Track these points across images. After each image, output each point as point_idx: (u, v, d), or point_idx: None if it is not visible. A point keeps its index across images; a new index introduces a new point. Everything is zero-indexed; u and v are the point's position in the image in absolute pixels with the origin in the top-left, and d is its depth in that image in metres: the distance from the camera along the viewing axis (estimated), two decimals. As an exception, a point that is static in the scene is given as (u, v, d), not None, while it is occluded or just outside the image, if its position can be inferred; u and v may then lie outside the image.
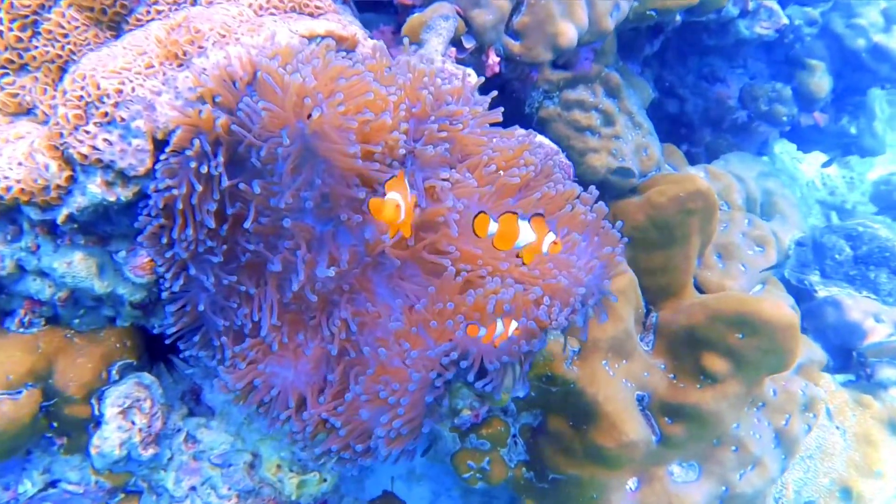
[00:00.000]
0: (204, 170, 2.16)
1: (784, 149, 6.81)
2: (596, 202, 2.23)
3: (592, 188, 2.28)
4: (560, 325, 2.04)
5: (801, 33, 5.42)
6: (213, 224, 2.23)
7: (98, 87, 2.11)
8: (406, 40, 2.41)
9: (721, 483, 3.75)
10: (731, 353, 3.49)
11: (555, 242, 1.90)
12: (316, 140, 2.11)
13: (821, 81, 5.17)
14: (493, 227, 1.92)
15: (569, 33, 2.93)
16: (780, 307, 3.40)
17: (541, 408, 3.55)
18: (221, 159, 2.15)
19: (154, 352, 2.84)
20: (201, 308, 2.35)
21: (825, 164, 5.68)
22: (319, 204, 2.29)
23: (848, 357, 4.61)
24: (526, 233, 1.90)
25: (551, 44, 2.97)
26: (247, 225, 2.24)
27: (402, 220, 1.82)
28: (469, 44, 2.74)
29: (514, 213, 1.92)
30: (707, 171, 4.63)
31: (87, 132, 2.12)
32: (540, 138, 2.49)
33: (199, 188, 2.21)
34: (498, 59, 2.85)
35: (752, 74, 5.70)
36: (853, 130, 5.45)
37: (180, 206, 2.21)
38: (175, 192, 2.20)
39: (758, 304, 3.43)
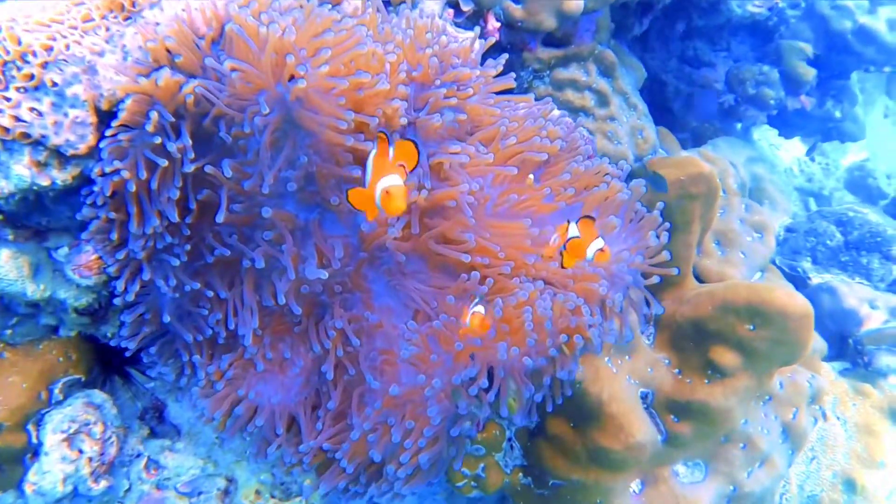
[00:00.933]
0: (162, 148, 1.72)
1: (762, 135, 6.62)
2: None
3: (623, 163, 1.92)
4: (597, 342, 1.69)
5: (786, 15, 5.20)
6: (175, 216, 1.79)
7: (19, 43, 1.64)
8: (401, -2, 2.01)
9: (729, 482, 3.49)
10: (741, 345, 3.21)
11: (602, 251, 1.54)
12: (299, 108, 1.70)
13: (808, 64, 4.94)
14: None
15: (576, -3, 2.57)
16: (793, 296, 3.13)
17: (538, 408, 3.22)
18: (187, 135, 1.72)
19: (107, 364, 2.38)
20: (165, 318, 1.91)
21: (810, 151, 5.48)
22: (303, 187, 1.87)
23: (843, 344, 4.40)
24: (572, 234, 1.55)
25: (556, 9, 2.60)
26: (219, 217, 1.81)
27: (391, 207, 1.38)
28: (467, 7, 2.36)
29: (591, 217, 1.57)
30: (701, 156, 4.35)
31: (7, 99, 1.65)
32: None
33: (158, 171, 1.77)
34: (498, 25, 2.47)
35: (737, 58, 5.45)
36: (838, 114, 5.25)
37: (133, 193, 1.76)
38: (126, 175, 1.76)
39: (770, 292, 3.14)
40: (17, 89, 1.63)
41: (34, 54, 1.64)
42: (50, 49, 1.65)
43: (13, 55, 1.62)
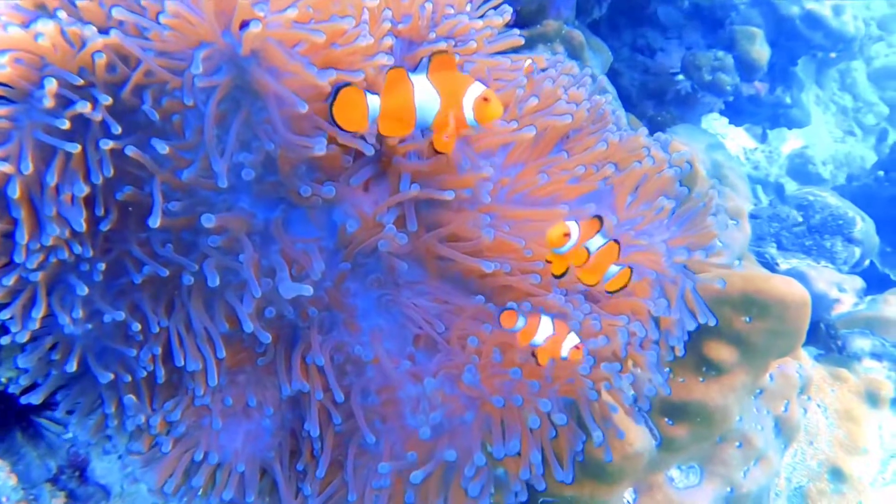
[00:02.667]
0: (59, 128, 1.20)
1: (707, 125, 6.51)
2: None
3: (660, 134, 1.54)
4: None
5: (735, 1, 5.05)
6: (82, 224, 1.26)
7: None
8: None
9: (726, 484, 3.22)
10: (737, 339, 2.92)
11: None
12: (254, 67, 1.22)
13: (762, 49, 4.79)
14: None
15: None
16: (791, 283, 2.88)
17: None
18: (102, 106, 1.21)
19: (4, 415, 1.80)
20: (71, 363, 1.37)
21: (763, 139, 5.37)
22: (261, 176, 1.39)
23: (815, 330, 4.24)
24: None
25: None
26: (152, 220, 1.30)
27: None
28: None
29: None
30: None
31: None
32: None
33: (55, 161, 1.25)
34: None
35: (689, 45, 5.27)
36: (788, 100, 5.14)
37: (17, 192, 1.23)
38: (7, 168, 1.22)
39: (766, 281, 2.88)
40: None
41: None
42: None
43: None
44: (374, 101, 1.17)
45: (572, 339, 1.21)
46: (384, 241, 1.31)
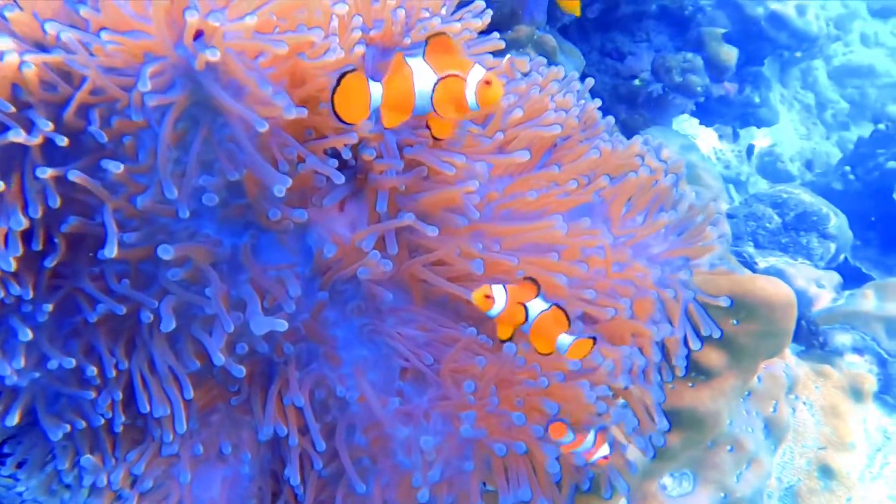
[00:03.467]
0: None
1: (677, 126, 6.52)
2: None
3: (650, 137, 1.45)
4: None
5: (700, 4, 5.05)
6: (10, 263, 1.11)
7: None
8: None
9: (720, 489, 3.16)
10: (726, 342, 2.87)
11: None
12: (213, 82, 1.09)
13: (731, 50, 4.80)
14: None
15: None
16: (776, 283, 2.83)
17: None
18: (43, 120, 1.07)
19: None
20: (17, 406, 1.22)
21: (735, 138, 5.38)
22: (226, 199, 1.26)
23: (796, 327, 4.22)
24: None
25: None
26: (108, 251, 1.16)
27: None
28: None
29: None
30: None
31: None
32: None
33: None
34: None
35: (657, 48, 5.26)
36: (757, 99, 5.17)
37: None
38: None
39: (752, 282, 2.82)
40: None
41: None
42: None
43: None
44: (376, 90, 1.09)
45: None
46: (364, 269, 1.19)
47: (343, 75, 1.06)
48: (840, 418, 3.90)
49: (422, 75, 1.09)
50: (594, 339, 1.13)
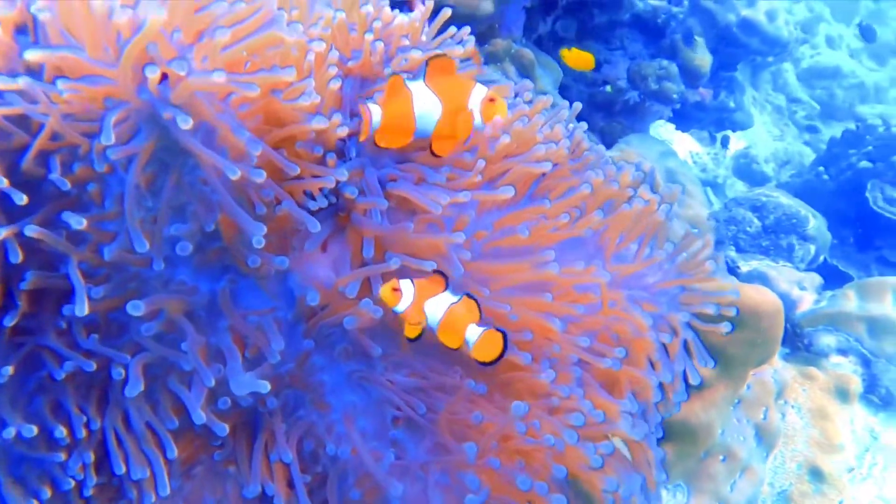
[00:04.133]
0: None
1: (654, 132, 6.55)
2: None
3: (643, 163, 1.41)
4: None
5: (672, 12, 5.08)
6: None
7: None
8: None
9: (714, 499, 3.13)
10: (716, 352, 2.85)
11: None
12: (179, 126, 1.02)
13: (705, 56, 4.81)
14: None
15: (513, -23, 2.06)
16: (763, 292, 2.82)
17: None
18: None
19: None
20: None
21: (713, 142, 5.41)
22: (201, 244, 1.19)
23: (780, 330, 4.22)
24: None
25: (493, -10, 2.07)
26: (79, 310, 1.08)
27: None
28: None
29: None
30: (623, 154, 4.02)
31: None
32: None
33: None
34: (426, 8, 1.89)
35: (632, 55, 5.27)
36: (732, 104, 5.20)
37: None
38: None
39: (740, 291, 2.83)
40: None
41: None
42: None
43: None
44: (375, 111, 1.09)
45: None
46: (351, 318, 1.12)
47: None
48: (828, 420, 3.91)
49: (422, 99, 1.07)
50: (504, 333, 1.07)
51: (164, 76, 0.99)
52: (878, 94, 7.51)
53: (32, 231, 1.02)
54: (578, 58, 3.24)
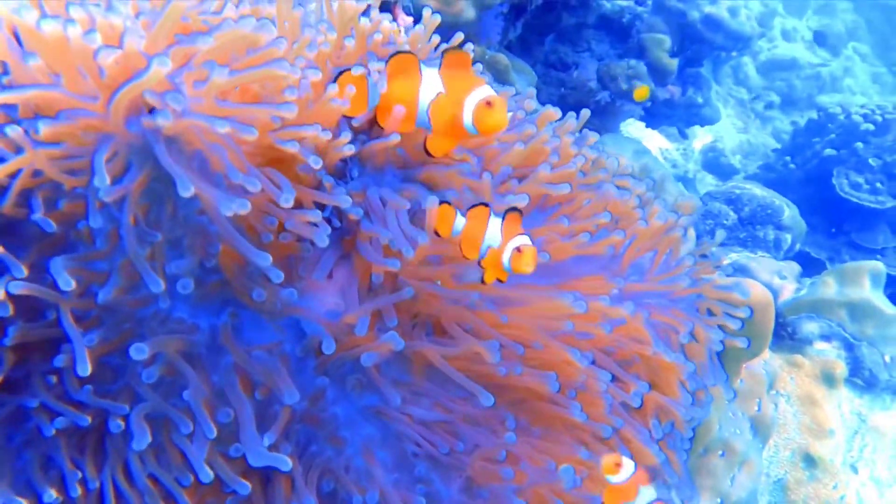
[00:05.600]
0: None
1: (623, 130, 6.62)
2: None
3: (649, 181, 1.38)
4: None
5: (637, 11, 5.14)
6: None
7: None
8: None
9: (716, 495, 3.14)
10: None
11: (519, 250, 1.02)
12: (175, 158, 0.95)
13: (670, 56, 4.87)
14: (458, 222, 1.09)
15: (493, -17, 2.03)
16: (752, 285, 2.85)
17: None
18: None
19: None
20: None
21: (683, 136, 5.47)
22: (200, 278, 1.11)
23: (763, 320, 4.28)
24: (494, 232, 1.05)
25: (475, -3, 2.04)
26: (80, 369, 0.99)
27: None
28: (371, -1, 1.72)
29: (486, 204, 1.08)
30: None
31: None
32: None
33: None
34: (410, 20, 1.86)
35: (600, 56, 5.32)
36: (700, 100, 5.27)
37: None
38: None
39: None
40: None
41: None
42: None
43: None
44: (380, 83, 1.04)
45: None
46: (370, 355, 1.07)
47: (341, 72, 1.00)
48: (817, 406, 3.96)
49: (430, 86, 1.01)
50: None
51: (151, 109, 0.92)
52: (834, 84, 7.75)
53: (18, 288, 0.94)
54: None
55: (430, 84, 1.01)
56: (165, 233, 1.06)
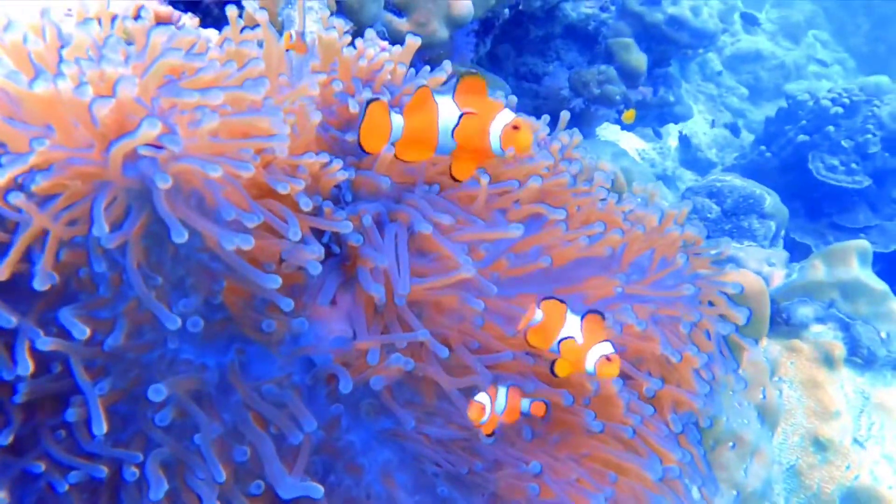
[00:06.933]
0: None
1: (599, 133, 6.71)
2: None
3: (648, 188, 1.41)
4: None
5: (602, 18, 5.25)
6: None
7: None
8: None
9: (731, 488, 3.14)
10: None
11: (608, 359, 1.05)
12: (173, 198, 0.96)
13: (640, 56, 4.98)
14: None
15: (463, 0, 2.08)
16: (745, 274, 2.91)
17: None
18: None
19: None
20: None
21: (658, 136, 5.57)
22: (204, 317, 1.11)
23: (756, 308, 4.33)
24: (572, 328, 1.07)
25: (445, 15, 2.09)
26: (96, 428, 0.99)
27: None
28: (346, 25, 1.76)
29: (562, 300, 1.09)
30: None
31: None
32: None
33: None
34: (384, 44, 1.89)
35: (570, 65, 5.41)
36: (671, 98, 5.38)
37: None
38: None
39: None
40: None
41: None
42: None
43: None
44: (397, 121, 1.05)
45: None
46: (379, 378, 1.07)
47: (368, 103, 1.02)
48: (820, 388, 3.99)
49: (448, 113, 1.03)
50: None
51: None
52: (799, 72, 7.95)
53: (47, 344, 0.93)
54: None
55: (447, 111, 1.03)
56: (168, 273, 1.07)
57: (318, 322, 1.17)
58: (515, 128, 1.02)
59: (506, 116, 1.04)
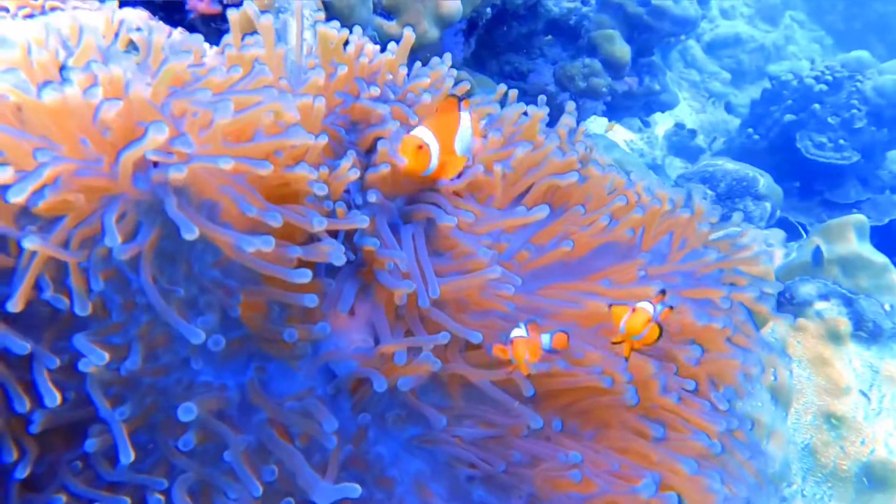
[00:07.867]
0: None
1: (588, 127, 6.72)
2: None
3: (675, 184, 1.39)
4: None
5: (583, 12, 5.26)
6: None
7: None
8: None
9: (750, 471, 3.13)
10: (719, 326, 2.89)
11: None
12: (184, 210, 0.92)
13: (624, 47, 4.99)
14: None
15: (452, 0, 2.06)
16: (750, 258, 2.90)
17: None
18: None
19: None
20: None
21: (646, 125, 5.57)
22: (222, 336, 1.07)
23: (759, 290, 4.33)
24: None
25: (435, 15, 2.07)
26: (123, 457, 0.95)
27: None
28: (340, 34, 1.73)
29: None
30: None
31: None
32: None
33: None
34: (377, 48, 1.86)
35: (554, 60, 5.41)
36: (657, 87, 5.38)
37: None
38: None
39: (726, 263, 2.89)
40: None
41: None
42: None
43: None
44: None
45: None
46: (407, 379, 1.04)
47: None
48: (828, 365, 3.98)
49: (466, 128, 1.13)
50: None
51: (156, 163, 0.90)
52: (779, 53, 8.02)
53: (86, 366, 0.89)
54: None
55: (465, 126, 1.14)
56: (183, 293, 1.03)
57: (338, 332, 1.14)
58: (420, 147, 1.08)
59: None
